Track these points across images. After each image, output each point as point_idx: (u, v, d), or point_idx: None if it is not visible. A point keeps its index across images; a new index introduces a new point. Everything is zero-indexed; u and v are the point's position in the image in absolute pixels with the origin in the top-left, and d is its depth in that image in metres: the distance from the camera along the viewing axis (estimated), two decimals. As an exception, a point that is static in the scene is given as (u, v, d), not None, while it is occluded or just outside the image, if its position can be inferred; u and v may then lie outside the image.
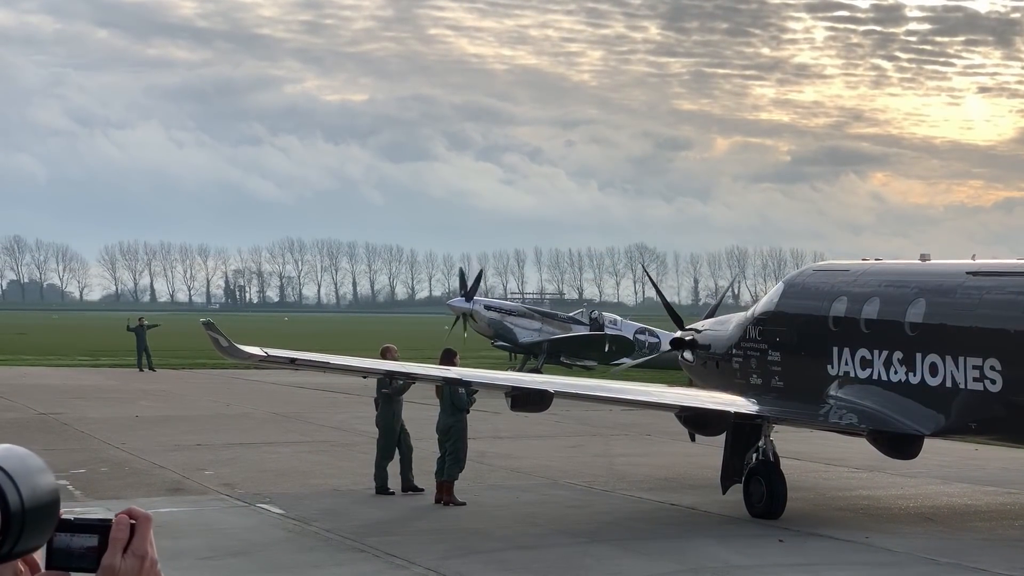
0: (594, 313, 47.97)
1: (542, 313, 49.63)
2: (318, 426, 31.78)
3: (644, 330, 46.47)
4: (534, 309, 50.84)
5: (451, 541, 16.88)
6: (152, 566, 2.47)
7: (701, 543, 16.88)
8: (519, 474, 23.46)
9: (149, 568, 2.46)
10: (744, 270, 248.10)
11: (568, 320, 47.86)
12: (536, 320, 47.81)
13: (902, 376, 18.87)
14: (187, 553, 15.78)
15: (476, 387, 20.18)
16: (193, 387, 45.35)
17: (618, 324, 46.90)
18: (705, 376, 23.38)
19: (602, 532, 17.64)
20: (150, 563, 2.46)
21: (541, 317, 48.25)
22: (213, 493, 20.83)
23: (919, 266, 20.23)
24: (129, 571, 2.44)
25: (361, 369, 20.86)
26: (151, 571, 2.47)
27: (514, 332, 46.99)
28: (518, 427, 29.88)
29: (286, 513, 18.88)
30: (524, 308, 50.48)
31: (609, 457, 26.42)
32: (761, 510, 18.80)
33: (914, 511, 19.99)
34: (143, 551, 2.45)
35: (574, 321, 47.51)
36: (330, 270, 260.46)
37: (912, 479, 22.89)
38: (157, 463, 24.34)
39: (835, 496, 21.30)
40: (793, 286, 21.71)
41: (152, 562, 2.47)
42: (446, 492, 19.98)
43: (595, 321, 46.65)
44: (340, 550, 16.28)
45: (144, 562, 2.45)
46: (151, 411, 35.41)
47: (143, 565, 2.45)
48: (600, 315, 47.68)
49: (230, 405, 37.76)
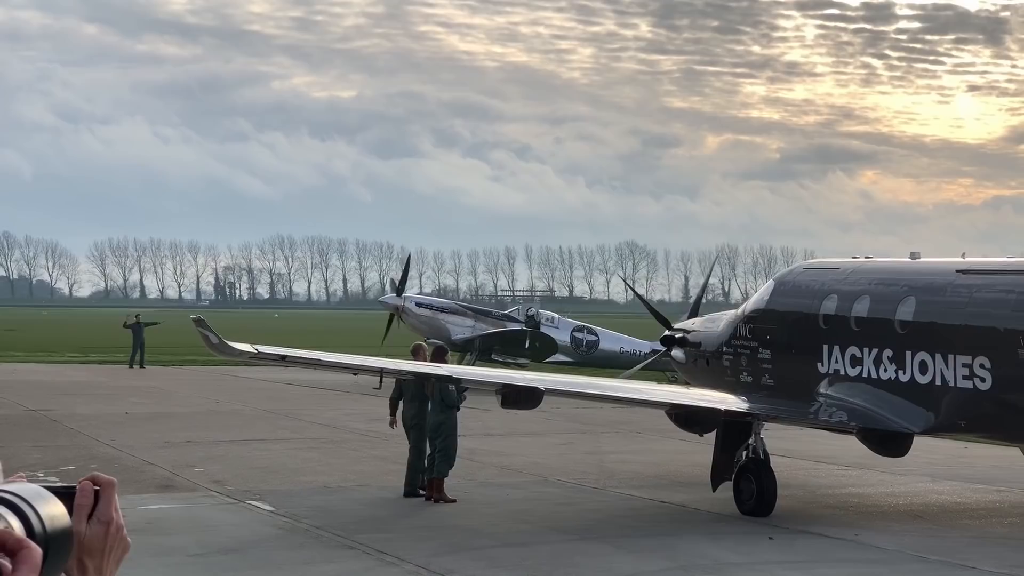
0: (531, 311, 47.76)
1: (475, 310, 49.50)
2: (308, 423, 31.75)
3: (582, 328, 46.53)
4: (467, 306, 50.82)
5: (441, 538, 16.89)
6: (118, 531, 2.46)
7: (692, 540, 16.91)
8: (509, 471, 23.47)
9: (115, 533, 2.45)
10: (734, 268, 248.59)
11: (503, 317, 47.75)
12: (469, 317, 47.69)
13: (892, 374, 18.90)
14: (177, 550, 15.77)
15: (466, 384, 20.18)
16: (183, 384, 45.28)
17: (555, 322, 46.88)
18: (695, 374, 23.42)
19: (593, 529, 17.65)
20: (116, 528, 2.45)
21: (474, 314, 48.15)
22: (203, 490, 20.82)
23: (909, 264, 20.28)
24: (95, 537, 2.42)
25: (351, 366, 20.86)
26: (117, 536, 2.46)
27: (447, 329, 46.92)
28: (509, 424, 29.89)
29: (276, 510, 18.87)
30: (456, 305, 50.45)
31: (600, 454, 26.44)
32: (751, 507, 18.83)
33: (904, 509, 20.03)
34: (108, 516, 2.44)
35: (509, 318, 47.43)
36: (320, 267, 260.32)
37: (902, 477, 22.94)
38: (147, 460, 24.31)
39: (825, 494, 21.34)
40: (783, 284, 21.75)
41: (118, 527, 2.46)
42: (436, 489, 19.98)
43: (531, 319, 46.58)
44: (330, 547, 16.28)
45: (110, 527, 2.44)
46: (141, 408, 35.35)
47: (108, 530, 2.44)
48: (537, 313, 47.51)
49: (220, 402, 37.72)
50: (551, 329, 46.12)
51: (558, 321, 46.98)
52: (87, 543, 2.41)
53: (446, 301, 52.37)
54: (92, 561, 2.43)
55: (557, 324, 46.70)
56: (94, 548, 2.42)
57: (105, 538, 2.43)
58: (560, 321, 46.99)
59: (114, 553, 2.46)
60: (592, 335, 45.98)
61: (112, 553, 2.46)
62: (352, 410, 34.92)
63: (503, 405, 18.62)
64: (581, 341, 45.53)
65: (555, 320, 47.14)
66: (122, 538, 2.47)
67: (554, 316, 47.88)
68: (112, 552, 2.45)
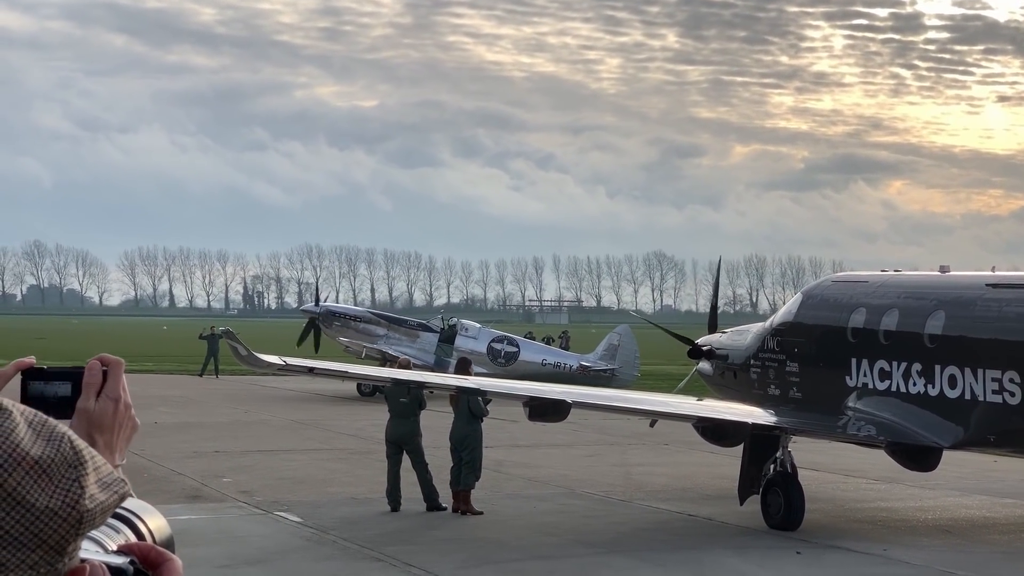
0: (452, 320, 47.62)
1: (388, 319, 49.20)
2: (336, 433, 31.82)
3: (503, 339, 46.05)
4: (381, 315, 50.38)
5: (468, 551, 16.89)
6: (127, 409, 2.49)
7: (718, 555, 16.87)
8: (536, 483, 23.46)
9: (124, 411, 2.47)
10: (762, 278, 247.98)
11: (418, 327, 47.47)
12: (382, 327, 47.51)
13: (921, 388, 18.82)
14: (205, 561, 15.83)
15: (491, 396, 20.22)
16: (211, 394, 45.46)
17: (472, 332, 46.40)
18: (722, 386, 23.37)
19: (619, 543, 17.63)
20: (124, 406, 2.47)
21: (388, 324, 47.91)
22: (231, 501, 20.89)
23: (938, 278, 20.19)
24: (103, 413, 2.45)
25: (379, 378, 20.91)
26: (125, 414, 2.48)
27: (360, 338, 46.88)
28: (535, 436, 29.88)
29: (304, 521, 18.92)
30: (370, 314, 50.05)
31: (627, 466, 26.41)
32: (779, 522, 18.77)
33: (932, 523, 19.93)
34: (116, 394, 2.46)
35: (424, 328, 47.17)
36: (348, 276, 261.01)
37: (931, 491, 22.83)
38: (175, 470, 24.42)
39: (853, 508, 21.25)
40: (811, 297, 21.69)
41: (126, 405, 2.48)
42: (463, 501, 19.99)
43: (448, 329, 46.28)
44: (357, 559, 16.31)
45: (118, 404, 2.46)
46: (170, 417, 35.52)
47: (117, 407, 2.46)
48: (458, 322, 47.10)
49: (248, 412, 37.86)
50: (468, 340, 45.49)
51: (477, 331, 46.41)
52: (96, 419, 2.44)
53: (360, 310, 52.06)
54: (103, 437, 2.45)
55: (475, 335, 46.03)
56: (104, 424, 2.45)
57: (114, 415, 2.46)
58: (480, 332, 46.47)
59: (124, 431, 2.49)
60: (512, 346, 45.33)
61: (122, 430, 2.48)
62: (380, 421, 34.87)
63: (530, 418, 18.64)
64: (499, 352, 44.96)
65: (470, 330, 46.40)
66: (131, 416, 2.49)
67: (474, 326, 47.27)
68: (122, 429, 2.48)
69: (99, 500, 1.79)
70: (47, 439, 1.76)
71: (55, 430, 1.78)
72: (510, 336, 46.79)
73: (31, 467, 1.73)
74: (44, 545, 1.73)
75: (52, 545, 1.74)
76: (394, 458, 20.44)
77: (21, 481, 1.72)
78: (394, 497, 20.18)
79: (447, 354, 44.67)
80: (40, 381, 2.51)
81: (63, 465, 1.76)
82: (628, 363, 42.81)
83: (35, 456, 1.74)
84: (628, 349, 43.22)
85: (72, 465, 1.77)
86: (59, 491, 1.74)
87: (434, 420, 24.98)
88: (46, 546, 1.73)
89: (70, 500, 1.75)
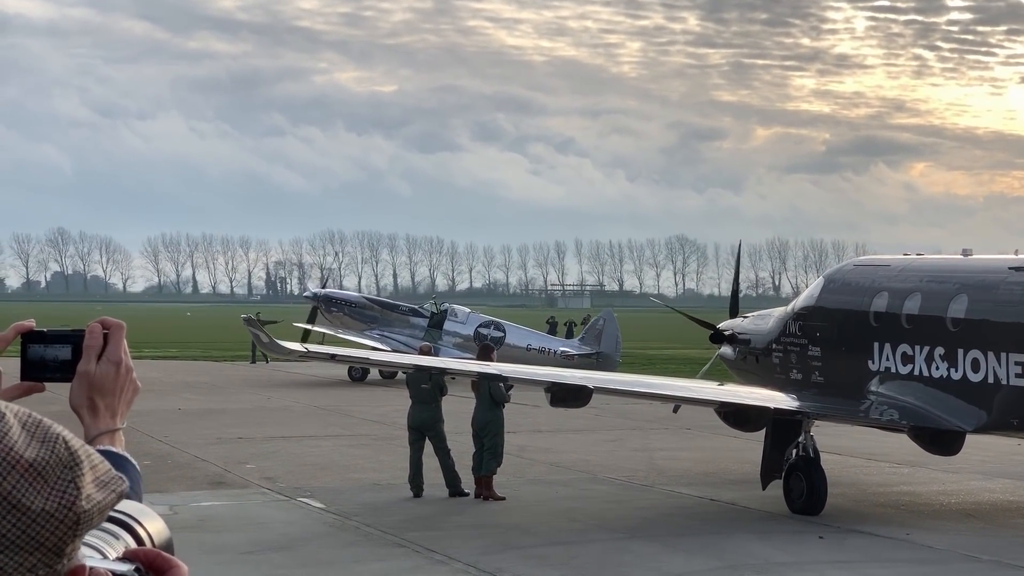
0: (444, 305, 48.00)
1: (382, 304, 49.83)
2: (359, 419, 31.89)
3: (489, 323, 46.34)
4: (374, 300, 50.98)
5: (490, 536, 16.93)
6: (128, 372, 2.48)
7: (741, 539, 16.86)
8: (558, 468, 23.48)
9: (125, 374, 2.48)
10: (784, 262, 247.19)
11: (410, 312, 47.96)
12: (375, 312, 48.13)
13: (944, 372, 18.75)
14: (228, 548, 15.91)
15: (513, 382, 20.23)
16: (234, 380, 45.63)
17: (460, 317, 46.83)
18: (745, 371, 23.33)
19: (641, 528, 17.64)
20: (125, 369, 2.47)
21: (381, 309, 48.55)
22: (254, 487, 20.97)
23: (961, 261, 20.10)
24: (105, 376, 2.45)
25: (400, 365, 20.94)
26: (127, 377, 2.48)
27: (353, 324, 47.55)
28: (558, 421, 29.89)
29: (327, 507, 18.98)
30: (364, 300, 50.55)
31: (649, 451, 26.41)
32: (801, 506, 18.75)
33: (956, 507, 19.88)
34: (117, 357, 2.46)
35: (416, 313, 47.66)
36: (371, 262, 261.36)
37: (954, 475, 22.76)
38: (199, 456, 24.52)
39: (876, 492, 21.21)
40: (833, 281, 21.62)
41: (128, 368, 2.48)
42: (485, 487, 20.02)
43: (437, 314, 46.69)
44: (380, 545, 16.36)
45: (120, 367, 2.46)
46: (193, 404, 35.67)
47: (118, 370, 2.47)
48: (450, 307, 47.60)
49: (271, 398, 37.99)
50: (456, 324, 46.14)
51: (466, 316, 46.88)
52: (98, 382, 2.45)
53: (355, 296, 52.47)
54: (104, 400, 2.46)
55: (464, 320, 46.56)
56: (105, 387, 2.46)
57: (116, 378, 2.47)
58: (468, 317, 46.90)
59: (125, 394, 2.50)
60: (498, 331, 45.68)
61: (124, 393, 2.49)
62: (402, 406, 34.95)
63: (552, 403, 18.66)
64: (486, 337, 45.20)
65: (459, 315, 46.90)
66: (132, 380, 2.50)
67: (463, 311, 47.70)
68: (124, 392, 2.49)
69: (96, 500, 1.78)
70: (41, 440, 1.75)
71: (49, 431, 1.76)
72: (497, 321, 47.06)
73: (25, 470, 1.71)
74: (42, 548, 1.72)
75: (50, 547, 1.73)
76: (416, 444, 20.48)
77: (16, 485, 1.70)
78: (416, 483, 20.23)
79: (435, 339, 45.28)
80: (40, 344, 2.49)
81: (58, 466, 1.74)
82: (611, 347, 42.82)
83: (29, 459, 1.72)
84: (611, 333, 43.26)
85: (67, 466, 1.75)
86: (55, 493, 1.73)
87: (457, 406, 25.00)
88: (44, 548, 1.72)
89: (66, 502, 1.73)
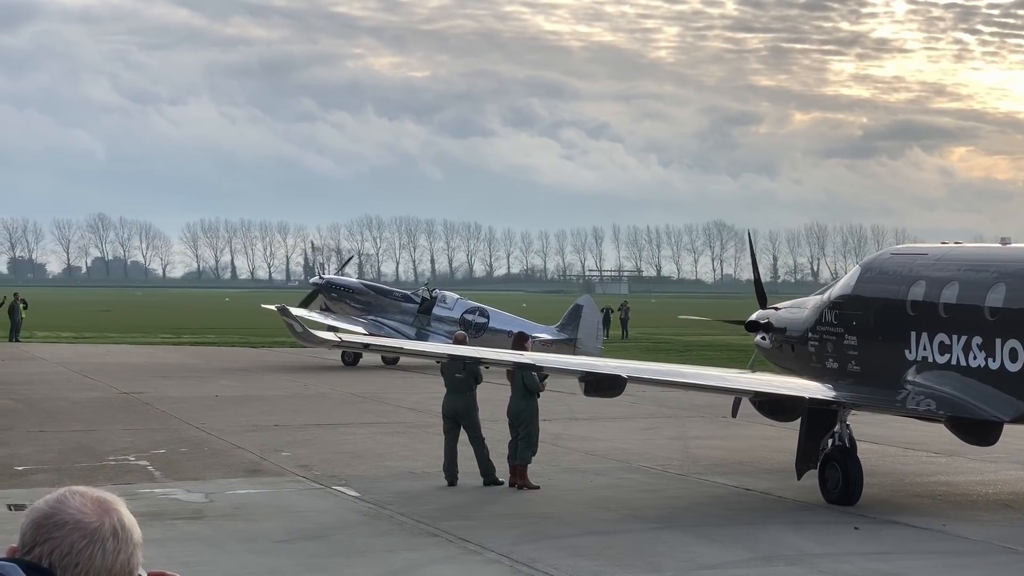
0: (435, 292, 48.28)
1: (378, 290, 50.31)
2: (394, 407, 31.97)
3: (475, 310, 46.56)
4: (371, 286, 51.39)
5: (524, 526, 16.93)
6: None
7: (775, 530, 16.79)
8: (593, 457, 23.47)
9: None
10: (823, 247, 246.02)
11: (402, 298, 48.46)
12: (371, 298, 48.72)
13: (981, 362, 18.60)
14: (264, 536, 15.98)
15: (547, 371, 20.21)
16: (271, 367, 45.83)
17: (448, 302, 47.18)
18: (780, 359, 23.23)
19: (675, 518, 17.60)
20: None
21: (376, 295, 49.09)
22: (290, 475, 21.06)
23: (999, 250, 19.92)
24: None
25: (434, 354, 20.96)
26: None
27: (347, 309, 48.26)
28: (593, 409, 29.86)
29: (361, 496, 19.04)
30: (362, 286, 50.95)
31: (684, 440, 26.35)
32: (836, 496, 18.66)
33: (993, 498, 19.73)
34: None
35: (407, 299, 48.14)
36: (408, 247, 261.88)
37: (992, 464, 22.60)
38: (235, 443, 24.64)
39: (913, 482, 21.08)
40: (870, 269, 21.47)
41: None
42: (520, 476, 20.03)
43: (428, 300, 47.07)
44: (414, 534, 16.39)
45: None
46: (230, 391, 35.85)
47: None
48: (440, 293, 48.00)
49: (307, 385, 38.14)
50: (444, 310, 46.59)
51: (454, 302, 47.34)
52: None
53: (355, 282, 52.88)
54: None
55: (451, 305, 47.05)
56: None
57: None
58: (456, 303, 47.30)
59: None
60: (483, 317, 46.01)
61: None
62: (438, 394, 35.03)
63: (586, 393, 18.62)
64: (470, 323, 45.38)
65: (448, 301, 47.42)
66: None
67: (452, 297, 48.16)
68: None
69: None
70: None
71: None
72: (482, 307, 47.32)
73: None
74: None
75: None
76: (451, 433, 20.51)
77: None
78: (451, 472, 20.26)
79: (425, 324, 45.89)
80: None
81: None
82: (589, 334, 42.73)
83: None
84: (590, 320, 43.21)
85: None
86: None
87: (492, 393, 25.02)
88: None
89: None
